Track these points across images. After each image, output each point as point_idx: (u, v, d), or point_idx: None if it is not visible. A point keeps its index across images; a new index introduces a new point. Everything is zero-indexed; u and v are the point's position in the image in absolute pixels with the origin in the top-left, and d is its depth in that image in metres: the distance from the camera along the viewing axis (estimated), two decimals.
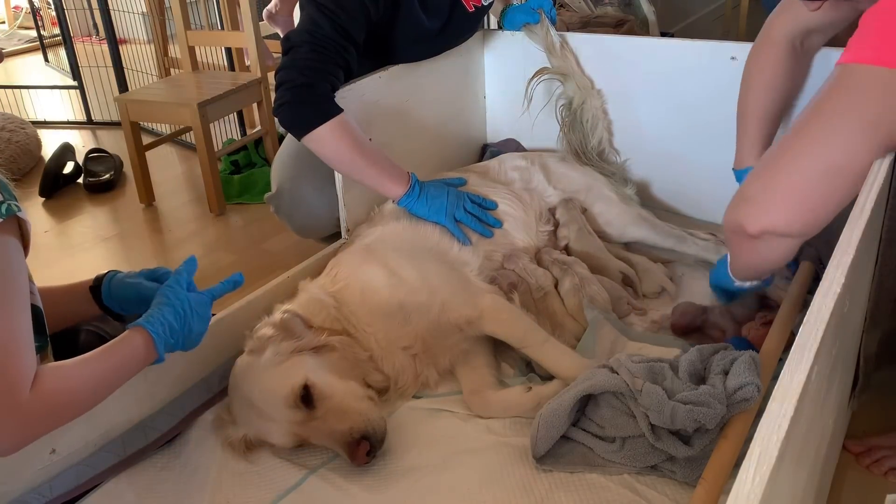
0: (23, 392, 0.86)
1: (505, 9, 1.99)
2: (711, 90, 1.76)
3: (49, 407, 0.90)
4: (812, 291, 0.91)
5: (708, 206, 1.88)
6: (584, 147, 1.92)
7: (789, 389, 0.67)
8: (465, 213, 1.60)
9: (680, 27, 3.77)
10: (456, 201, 1.60)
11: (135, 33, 3.77)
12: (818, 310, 0.77)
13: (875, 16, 0.99)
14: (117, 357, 1.00)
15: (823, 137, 0.99)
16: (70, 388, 0.94)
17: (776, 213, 1.02)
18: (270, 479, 1.20)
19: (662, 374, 1.14)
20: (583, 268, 1.57)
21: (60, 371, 0.93)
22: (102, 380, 0.98)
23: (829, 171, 0.99)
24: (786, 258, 1.11)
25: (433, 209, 1.58)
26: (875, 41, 0.97)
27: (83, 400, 0.97)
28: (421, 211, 1.58)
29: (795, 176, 1.00)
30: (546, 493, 1.13)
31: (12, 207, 0.88)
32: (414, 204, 1.58)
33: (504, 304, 1.41)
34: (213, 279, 1.21)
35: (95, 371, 0.97)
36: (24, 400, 0.86)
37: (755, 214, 1.04)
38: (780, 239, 1.05)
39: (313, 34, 1.50)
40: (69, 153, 3.05)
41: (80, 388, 0.95)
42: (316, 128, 1.49)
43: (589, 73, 1.92)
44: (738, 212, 1.07)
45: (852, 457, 1.31)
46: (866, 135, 0.97)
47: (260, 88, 2.79)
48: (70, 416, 0.96)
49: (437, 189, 1.61)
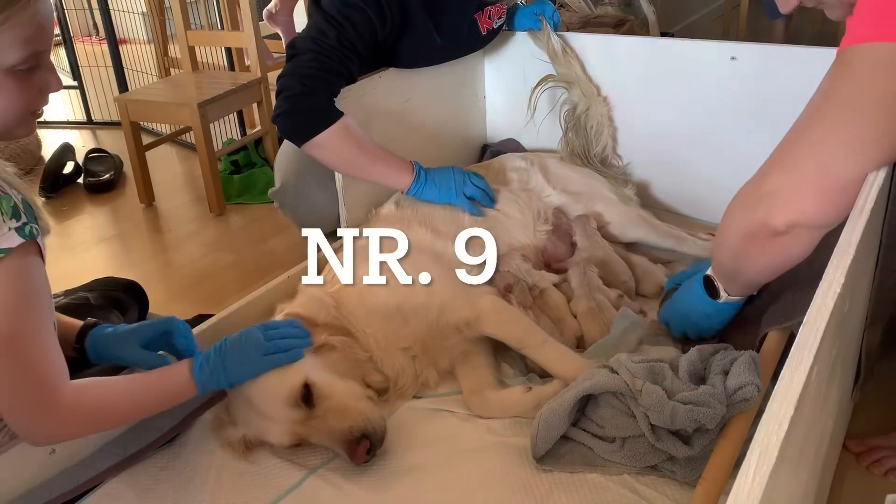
0: (59, 391, 0.95)
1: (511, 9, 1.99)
2: (711, 90, 1.76)
3: (86, 411, 1.00)
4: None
5: (708, 206, 1.88)
6: (587, 152, 1.92)
7: (789, 389, 0.67)
8: (474, 188, 1.62)
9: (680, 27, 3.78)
10: (462, 178, 1.62)
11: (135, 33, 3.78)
12: (818, 310, 0.77)
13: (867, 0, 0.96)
14: (159, 387, 1.11)
15: (842, 116, 0.95)
16: (109, 399, 1.04)
17: (806, 202, 0.96)
18: (270, 480, 1.19)
19: (662, 374, 1.14)
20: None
21: (105, 384, 1.05)
22: (140, 403, 1.09)
23: (856, 146, 0.94)
24: (808, 252, 1.04)
25: (443, 191, 1.59)
26: (874, 18, 0.93)
27: (118, 414, 1.08)
28: (431, 195, 1.59)
29: (821, 158, 0.95)
30: (546, 493, 1.13)
31: (34, 231, 0.93)
32: (422, 190, 1.59)
33: (503, 305, 1.41)
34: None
35: (136, 393, 1.08)
36: (63, 400, 0.96)
37: (781, 207, 0.97)
38: (810, 231, 0.99)
39: (317, 42, 1.50)
40: (69, 153, 3.05)
41: (118, 403, 1.06)
42: (314, 136, 1.49)
43: (589, 74, 1.92)
44: (759, 210, 1.00)
45: (852, 457, 1.31)
46: (884, 107, 0.92)
47: (260, 88, 2.79)
48: (103, 425, 1.08)
49: (441, 171, 1.62)
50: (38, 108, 0.99)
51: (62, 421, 0.98)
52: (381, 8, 1.55)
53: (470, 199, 1.61)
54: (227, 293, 2.01)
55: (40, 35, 0.93)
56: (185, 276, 2.21)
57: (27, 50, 0.92)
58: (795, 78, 1.51)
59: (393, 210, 1.62)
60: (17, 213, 0.92)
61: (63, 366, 0.98)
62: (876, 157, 0.94)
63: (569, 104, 1.93)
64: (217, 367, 1.14)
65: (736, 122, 1.75)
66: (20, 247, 0.91)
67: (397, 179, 1.60)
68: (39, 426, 0.98)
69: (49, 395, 0.95)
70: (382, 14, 1.56)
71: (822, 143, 0.96)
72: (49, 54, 0.97)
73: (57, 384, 0.96)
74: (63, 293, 1.51)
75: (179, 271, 2.26)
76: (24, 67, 0.93)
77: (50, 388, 0.95)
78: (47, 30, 0.95)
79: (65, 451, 1.14)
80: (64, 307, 1.36)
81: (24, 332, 0.92)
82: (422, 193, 1.60)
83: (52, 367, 0.96)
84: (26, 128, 0.99)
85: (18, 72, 0.93)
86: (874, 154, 0.94)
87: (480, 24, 1.83)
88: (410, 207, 1.61)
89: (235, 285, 2.07)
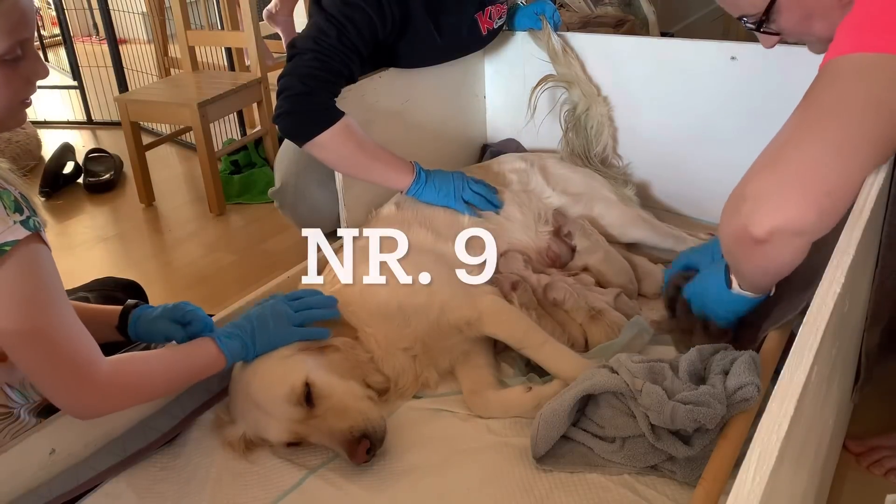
0: (96, 369, 0.99)
1: (511, 8, 1.99)
2: (711, 90, 1.76)
3: (124, 384, 1.04)
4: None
5: (708, 206, 1.88)
6: (588, 153, 1.92)
7: (789, 389, 0.67)
8: (473, 194, 1.63)
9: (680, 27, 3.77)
10: (462, 183, 1.63)
11: (135, 33, 3.78)
12: (818, 310, 0.77)
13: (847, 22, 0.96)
14: (191, 360, 1.15)
15: (825, 121, 0.92)
16: (146, 373, 1.08)
17: (788, 206, 0.91)
18: (270, 479, 1.19)
19: (662, 374, 1.14)
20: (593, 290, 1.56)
21: (140, 358, 1.10)
22: (175, 377, 1.14)
23: (840, 150, 0.91)
24: (798, 260, 1.00)
25: (442, 194, 1.60)
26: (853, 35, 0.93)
27: (153, 387, 1.11)
28: (430, 197, 1.60)
29: (805, 162, 0.92)
30: (546, 493, 1.13)
31: (38, 224, 0.94)
32: (422, 191, 1.60)
33: (503, 305, 1.41)
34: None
35: (170, 367, 1.12)
36: (101, 376, 1.00)
37: (762, 213, 0.93)
38: (793, 237, 0.94)
39: (318, 42, 1.50)
40: (69, 153, 3.05)
41: (153, 377, 1.09)
42: (315, 136, 1.49)
43: (589, 74, 1.92)
44: (741, 215, 0.96)
45: (852, 457, 1.31)
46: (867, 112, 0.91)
47: (260, 88, 2.79)
48: (140, 398, 1.11)
49: (441, 174, 1.63)
50: (27, 97, 0.99)
51: (104, 396, 1.02)
52: (381, 7, 1.55)
53: (468, 205, 1.61)
54: (227, 293, 2.01)
55: (24, 23, 0.93)
56: (185, 276, 2.21)
57: (12, 39, 0.92)
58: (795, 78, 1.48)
59: (393, 211, 1.61)
60: (20, 207, 0.92)
61: (93, 343, 1.01)
62: (860, 162, 0.92)
63: (569, 104, 1.93)
64: (246, 338, 1.19)
65: (736, 122, 1.74)
66: (27, 238, 0.92)
67: (397, 179, 1.60)
68: (83, 403, 1.02)
69: (87, 374, 0.98)
70: (383, 14, 1.56)
71: (805, 148, 0.93)
72: (33, 42, 0.97)
73: (93, 362, 0.99)
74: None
75: (179, 271, 2.26)
76: (9, 57, 0.93)
77: (87, 367, 0.98)
78: (30, 17, 0.95)
79: (65, 451, 1.14)
80: None
81: (50, 321, 0.94)
82: (421, 194, 1.60)
83: (83, 347, 0.99)
84: (17, 118, 1.00)
85: (5, 62, 0.93)
86: (858, 159, 0.92)
87: (480, 23, 1.83)
88: (411, 208, 1.61)
89: (235, 285, 2.07)
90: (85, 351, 0.99)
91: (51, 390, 1.00)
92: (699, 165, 1.85)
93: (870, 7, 0.94)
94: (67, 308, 0.98)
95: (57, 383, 0.98)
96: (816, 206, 0.90)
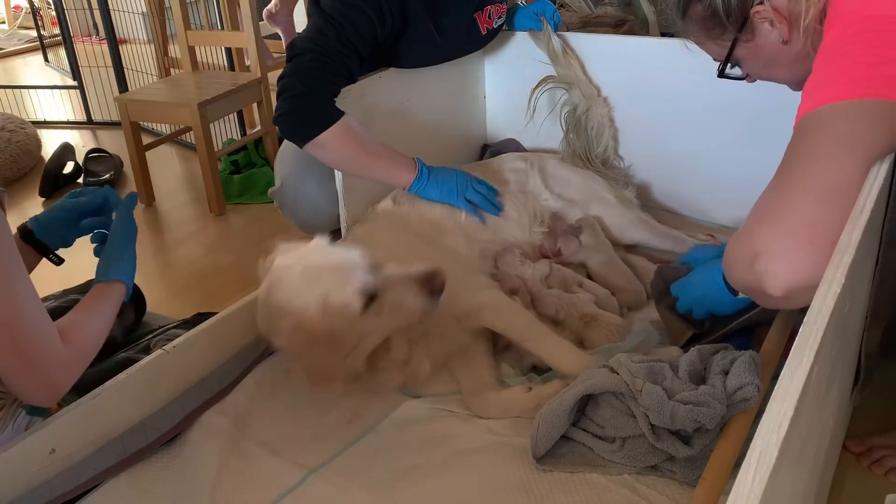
0: (57, 347, 1.01)
1: (511, 8, 1.99)
2: (711, 90, 1.76)
3: (80, 354, 1.07)
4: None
5: (708, 207, 1.88)
6: (589, 154, 1.92)
7: (789, 389, 0.67)
8: (476, 193, 1.63)
9: None
10: (465, 182, 1.63)
11: (135, 33, 3.77)
12: (818, 310, 0.77)
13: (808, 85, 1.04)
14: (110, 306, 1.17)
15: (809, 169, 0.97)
16: (90, 336, 1.11)
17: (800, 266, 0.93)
18: (270, 479, 1.19)
19: (662, 374, 1.14)
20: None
21: (78, 324, 1.10)
22: (105, 326, 1.15)
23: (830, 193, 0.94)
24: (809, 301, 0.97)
25: (444, 191, 1.61)
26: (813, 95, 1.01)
27: (98, 344, 1.13)
28: (432, 194, 1.61)
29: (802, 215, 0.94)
30: (546, 493, 1.13)
31: None
32: (424, 188, 1.61)
33: (504, 298, 1.42)
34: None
35: (101, 319, 1.14)
36: (62, 353, 1.02)
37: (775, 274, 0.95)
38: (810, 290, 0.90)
39: (317, 42, 1.51)
40: (69, 153, 3.05)
41: (95, 335, 1.12)
42: (316, 137, 1.49)
43: (589, 74, 1.92)
44: (754, 271, 0.97)
45: (852, 457, 1.31)
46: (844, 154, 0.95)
47: (260, 88, 2.79)
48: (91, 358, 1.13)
49: (444, 172, 1.64)
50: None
51: (67, 371, 1.04)
52: (380, 8, 1.55)
53: (470, 203, 1.62)
54: (227, 293, 2.01)
55: None
56: (185, 276, 2.21)
57: None
58: None
59: (390, 206, 1.62)
60: None
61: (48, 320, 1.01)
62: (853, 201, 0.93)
63: (569, 105, 1.93)
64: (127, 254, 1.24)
65: (736, 124, 1.74)
66: None
67: (400, 177, 1.61)
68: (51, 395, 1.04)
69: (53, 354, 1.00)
70: (382, 14, 1.56)
71: (799, 202, 0.96)
72: None
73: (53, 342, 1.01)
74: (54, 296, 1.51)
75: (179, 271, 2.26)
76: None
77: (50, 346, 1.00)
78: None
79: (65, 451, 1.14)
80: (53, 310, 1.35)
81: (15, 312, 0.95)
82: (423, 191, 1.61)
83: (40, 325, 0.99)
84: None
85: None
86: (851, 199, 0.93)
87: (480, 23, 1.84)
88: (408, 204, 1.62)
89: (235, 285, 2.07)
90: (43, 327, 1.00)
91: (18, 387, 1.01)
92: (699, 166, 1.85)
93: (826, 69, 1.04)
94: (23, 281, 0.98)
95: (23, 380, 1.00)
96: (827, 259, 0.90)
